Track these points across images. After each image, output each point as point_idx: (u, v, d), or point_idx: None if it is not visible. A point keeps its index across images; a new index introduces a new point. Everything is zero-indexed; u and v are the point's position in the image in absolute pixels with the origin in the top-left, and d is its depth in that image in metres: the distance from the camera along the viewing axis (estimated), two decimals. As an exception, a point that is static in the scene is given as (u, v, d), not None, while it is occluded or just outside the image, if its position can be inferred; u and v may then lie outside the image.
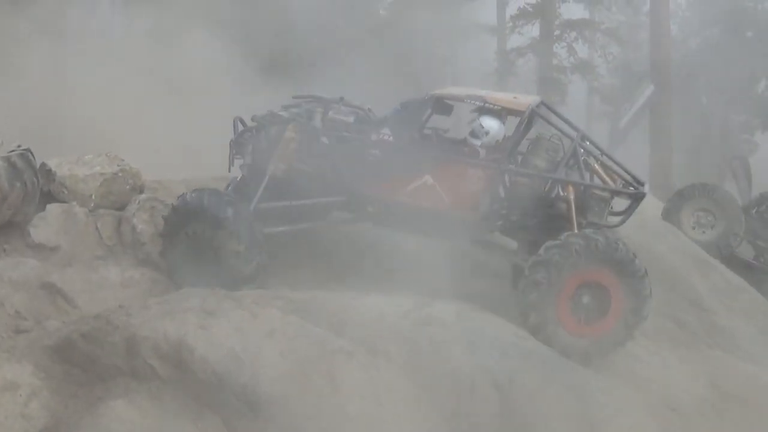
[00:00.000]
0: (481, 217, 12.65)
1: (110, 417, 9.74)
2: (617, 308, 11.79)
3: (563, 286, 11.69)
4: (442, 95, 13.21)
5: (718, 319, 14.53)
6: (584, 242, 11.69)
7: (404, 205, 12.61)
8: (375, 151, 12.78)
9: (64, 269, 12.97)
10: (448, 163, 12.69)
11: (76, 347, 10.55)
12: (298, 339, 10.45)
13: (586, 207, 12.49)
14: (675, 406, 11.43)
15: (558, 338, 11.64)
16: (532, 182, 12.68)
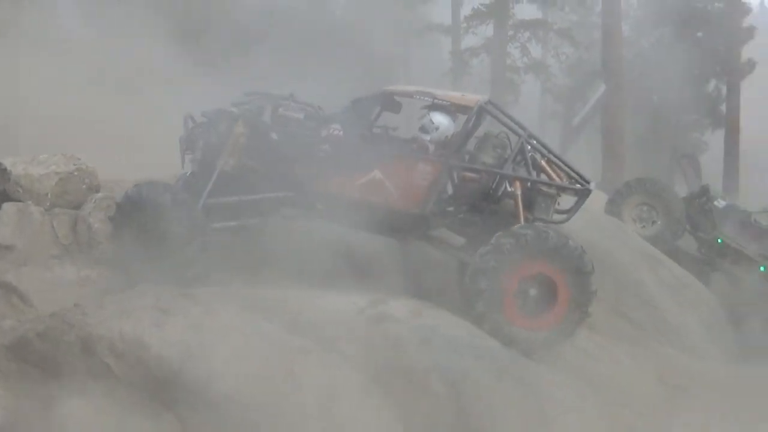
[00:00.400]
0: (429, 212, 12.63)
1: (66, 415, 9.74)
2: (563, 301, 11.87)
3: (510, 276, 11.74)
4: (391, 91, 13.26)
5: (666, 315, 14.67)
6: (534, 234, 11.79)
7: (353, 200, 12.58)
8: (325, 147, 12.75)
9: (19, 268, 12.95)
10: (396, 159, 12.72)
11: (31, 346, 10.54)
12: (254, 337, 10.48)
13: (532, 203, 12.54)
14: (625, 402, 11.55)
15: (503, 329, 11.71)
16: (480, 178, 12.74)
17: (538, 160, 12.88)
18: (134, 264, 12.63)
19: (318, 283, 12.40)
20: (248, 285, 11.93)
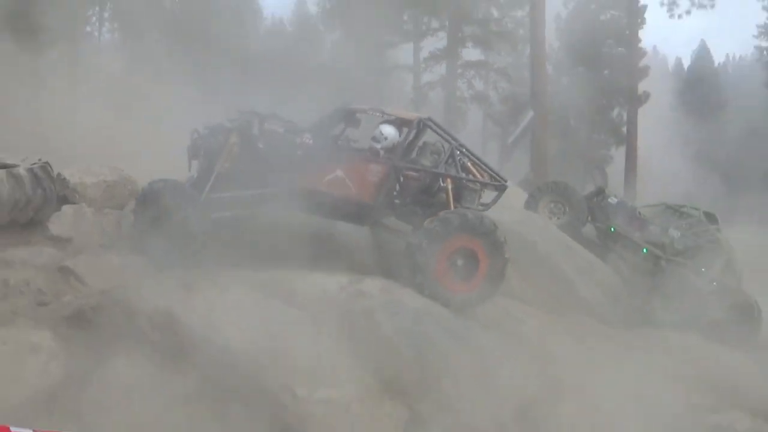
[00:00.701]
0: (379, 202, 12.82)
1: (113, 370, 9.75)
2: (483, 268, 12.09)
3: (441, 251, 11.94)
4: (351, 109, 13.42)
5: (577, 288, 14.75)
6: (456, 216, 12.06)
7: (321, 193, 12.74)
8: (299, 152, 12.92)
9: (76, 256, 12.92)
10: (353, 160, 12.91)
11: (85, 317, 10.55)
12: (259, 309, 10.52)
13: (461, 195, 12.75)
14: (549, 356, 11.61)
15: (439, 293, 11.86)
16: (420, 176, 12.93)
17: (466, 162, 13.08)
18: (149, 244, 12.68)
19: (307, 265, 12.41)
20: (253, 269, 11.91)
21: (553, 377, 11.14)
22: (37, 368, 9.83)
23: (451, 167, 12.89)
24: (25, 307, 11.21)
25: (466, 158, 13.15)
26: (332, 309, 10.89)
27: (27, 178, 13.42)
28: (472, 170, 13.09)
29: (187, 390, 9.76)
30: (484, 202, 13.24)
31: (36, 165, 13.76)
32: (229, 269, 11.75)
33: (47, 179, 13.76)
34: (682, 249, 16.50)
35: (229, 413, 9.66)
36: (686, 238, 16.61)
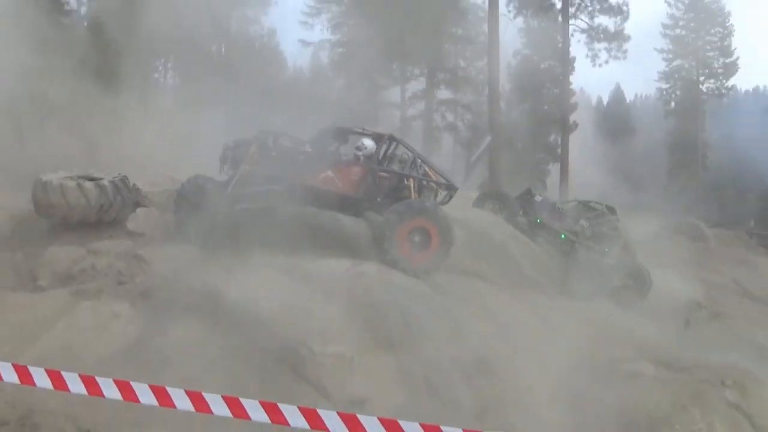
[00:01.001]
0: (360, 196, 13.05)
1: (175, 333, 9.75)
2: (435, 243, 12.25)
3: (403, 227, 12.15)
4: (341, 127, 13.85)
5: (524, 270, 14.74)
6: (419, 204, 12.49)
7: (316, 188, 12.92)
8: (301, 158, 13.18)
9: (146, 246, 12.89)
10: (340, 164, 13.17)
11: (154, 292, 10.57)
12: (284, 285, 10.52)
13: (420, 193, 13.04)
14: (504, 322, 11.61)
15: (403, 264, 12.00)
16: (390, 177, 13.22)
17: (425, 168, 13.43)
18: (187, 227, 12.83)
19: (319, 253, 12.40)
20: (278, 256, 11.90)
21: (507, 337, 11.15)
22: (118, 331, 9.87)
23: (413, 171, 13.20)
24: (109, 285, 11.23)
25: (425, 165, 13.47)
26: (339, 285, 10.87)
27: (110, 187, 13.43)
28: (430, 174, 13.41)
29: (229, 347, 9.75)
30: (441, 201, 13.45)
31: (116, 178, 13.77)
32: (260, 256, 11.73)
33: (125, 188, 13.77)
34: (591, 235, 16.72)
35: (260, 365, 9.65)
36: (593, 226, 16.92)
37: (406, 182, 13.07)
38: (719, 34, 45.33)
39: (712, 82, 45.49)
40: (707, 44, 45.43)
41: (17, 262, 12.86)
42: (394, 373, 9.98)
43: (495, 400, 9.88)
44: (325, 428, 4.84)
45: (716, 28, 45.30)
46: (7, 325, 9.86)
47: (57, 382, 5.06)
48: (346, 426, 4.82)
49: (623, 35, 35.96)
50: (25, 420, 7.50)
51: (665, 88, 46.70)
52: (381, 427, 4.77)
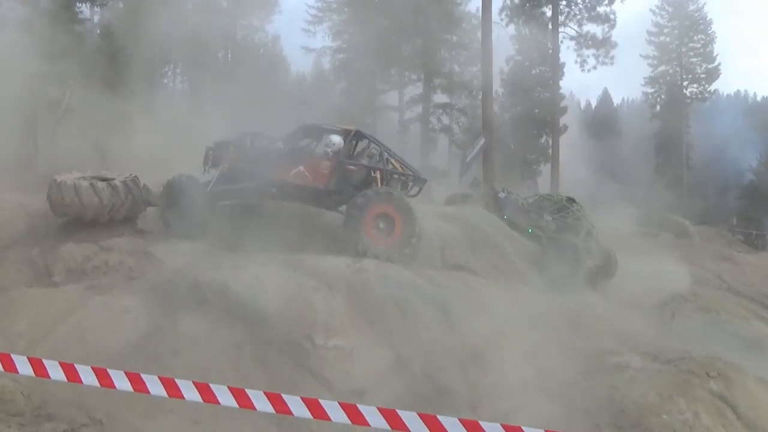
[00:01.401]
0: (330, 188, 13.06)
1: (183, 326, 9.74)
2: (399, 230, 12.34)
3: (367, 216, 12.23)
4: (310, 124, 13.90)
5: (516, 264, 14.70)
6: (381, 192, 12.49)
7: (289, 182, 13.04)
8: (274, 155, 13.19)
9: (156, 243, 12.87)
10: (310, 158, 13.21)
11: (163, 287, 10.55)
12: (288, 280, 10.50)
13: (388, 184, 13.04)
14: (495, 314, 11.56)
15: (370, 248, 12.06)
16: (358, 169, 13.17)
17: (393, 162, 13.49)
18: (171, 219, 13.05)
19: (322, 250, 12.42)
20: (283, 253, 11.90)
21: (499, 329, 11.12)
22: (129, 324, 9.85)
23: (380, 163, 13.25)
24: (120, 281, 11.22)
25: (393, 159, 13.54)
26: (341, 280, 10.85)
27: (121, 187, 13.41)
28: (397, 166, 13.44)
29: (236, 339, 9.75)
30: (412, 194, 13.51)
31: (128, 178, 13.74)
32: (266, 253, 11.72)
33: (136, 188, 13.75)
34: (555, 228, 16.74)
35: (266, 356, 9.65)
36: (557, 220, 16.91)
37: (373, 174, 13.08)
38: (702, 41, 45.44)
39: (695, 86, 45.56)
40: (690, 50, 45.55)
41: (33, 258, 12.84)
42: (392, 364, 9.97)
43: (488, 390, 9.86)
44: (327, 418, 4.82)
45: (699, 35, 45.43)
46: (24, 319, 9.85)
47: (70, 374, 5.05)
48: (347, 415, 4.81)
49: (610, 42, 35.88)
50: (39, 410, 7.49)
51: (651, 93, 46.75)
52: (380, 416, 4.76)
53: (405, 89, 35.82)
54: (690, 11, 45.39)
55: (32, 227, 13.84)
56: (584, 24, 35.96)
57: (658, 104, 46.47)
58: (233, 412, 8.31)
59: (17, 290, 10.82)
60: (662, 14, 45.93)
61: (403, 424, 4.71)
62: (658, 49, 45.88)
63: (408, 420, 4.71)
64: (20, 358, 5.15)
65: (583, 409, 9.97)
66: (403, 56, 32.49)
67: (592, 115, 55.15)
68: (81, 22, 23.66)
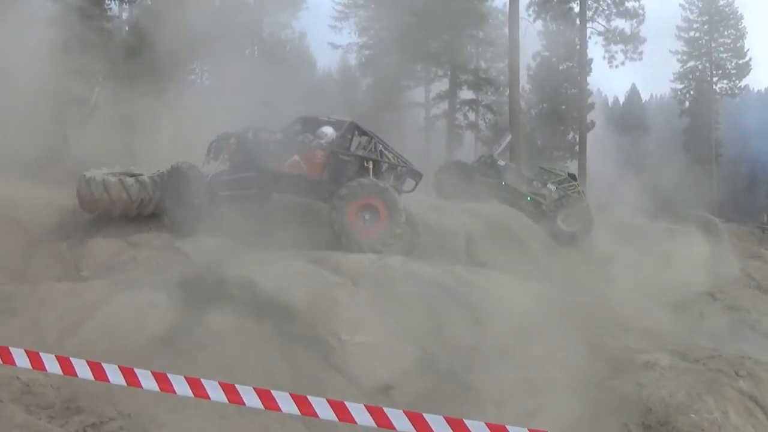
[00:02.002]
0: (324, 178, 13.20)
1: (209, 321, 9.78)
2: (384, 222, 12.45)
3: (352, 208, 12.38)
4: (306, 116, 14.06)
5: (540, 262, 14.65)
6: (365, 184, 12.58)
7: (284, 172, 13.23)
8: (272, 146, 13.44)
9: (183, 239, 12.99)
10: (305, 149, 13.34)
11: (190, 283, 10.58)
12: (314, 277, 10.51)
13: (380, 175, 13.15)
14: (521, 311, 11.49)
15: (354, 240, 12.28)
16: (351, 159, 13.32)
17: (386, 153, 13.56)
18: (169, 207, 13.29)
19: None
20: (309, 249, 11.93)
21: (524, 326, 11.05)
22: (156, 319, 9.89)
23: (372, 154, 13.33)
24: (148, 276, 11.28)
25: (389, 152, 13.60)
26: (366, 277, 10.83)
27: (149, 183, 13.55)
28: (389, 157, 13.49)
29: (262, 335, 9.77)
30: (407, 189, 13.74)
31: (155, 174, 13.84)
32: (293, 249, 11.75)
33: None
34: (558, 198, 17.95)
35: (291, 352, 9.66)
36: (560, 190, 17.81)
37: (365, 165, 13.11)
38: (732, 36, 44.95)
39: (725, 82, 45.09)
40: (720, 46, 45.08)
41: (62, 253, 13.02)
42: (418, 361, 9.94)
43: (514, 388, 9.80)
44: (352, 420, 4.82)
45: (729, 30, 44.89)
46: (53, 313, 9.95)
47: (97, 372, 5.09)
48: (372, 418, 4.80)
49: (639, 37, 35.60)
50: (69, 403, 7.55)
51: (680, 88, 46.28)
52: (406, 419, 4.74)
53: (431, 85, 35.75)
54: (720, 6, 44.90)
55: (61, 222, 14.01)
56: (612, 19, 35.68)
57: (687, 100, 46.01)
58: (259, 409, 8.37)
59: (46, 284, 10.93)
60: (692, 9, 45.48)
61: (429, 428, 4.68)
62: (687, 45, 45.46)
63: (434, 424, 4.69)
64: (48, 356, 5.20)
65: (610, 408, 9.88)
66: (430, 52, 32.34)
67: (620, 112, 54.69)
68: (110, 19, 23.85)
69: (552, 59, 38.87)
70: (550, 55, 38.97)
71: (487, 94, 36.58)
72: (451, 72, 33.83)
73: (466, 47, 34.50)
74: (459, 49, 32.78)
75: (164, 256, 12.51)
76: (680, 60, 45.65)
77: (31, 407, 7.10)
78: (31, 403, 7.21)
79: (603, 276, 17.97)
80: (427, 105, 35.69)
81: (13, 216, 13.99)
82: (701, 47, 45.01)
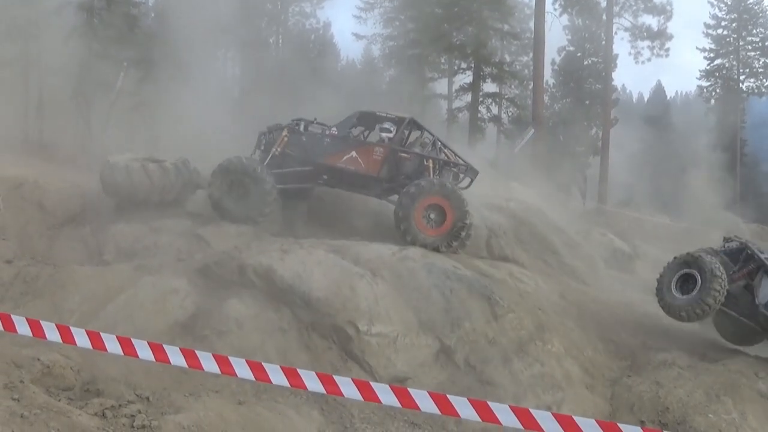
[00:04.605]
0: (383, 177, 13.11)
1: (229, 308, 9.83)
2: (449, 222, 12.21)
3: (419, 206, 12.21)
4: (365, 112, 13.80)
5: (564, 259, 14.57)
6: (429, 182, 12.39)
7: (340, 168, 13.16)
8: (327, 140, 13.33)
9: (205, 226, 13.04)
10: (363, 145, 13.35)
11: (210, 269, 10.64)
12: (334, 266, 10.51)
13: (441, 174, 12.99)
14: (541, 307, 11.48)
15: (419, 238, 12.09)
16: (410, 157, 13.19)
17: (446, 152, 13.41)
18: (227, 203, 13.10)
19: (368, 237, 12.47)
20: (330, 239, 11.96)
21: (543, 321, 11.03)
22: (176, 304, 9.97)
23: (432, 153, 13.18)
24: (169, 262, 11.36)
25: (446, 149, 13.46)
26: (385, 268, 10.83)
27: (172, 170, 13.64)
28: (450, 157, 13.36)
29: (281, 323, 9.82)
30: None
31: (178, 160, 13.92)
32: (314, 239, 11.77)
33: (186, 171, 13.95)
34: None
35: (310, 341, 9.70)
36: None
37: (425, 163, 12.99)
38: (761, 34, 44.34)
39: (753, 80, 44.52)
40: (749, 44, 44.48)
41: (85, 237, 13.15)
42: (436, 353, 9.95)
43: (532, 383, 9.78)
44: (377, 400, 4.83)
45: (758, 28, 44.32)
46: (76, 295, 10.06)
47: (127, 347, 5.15)
48: (397, 398, 4.80)
49: (666, 34, 35.15)
50: (89, 386, 7.64)
51: (706, 86, 45.81)
52: (431, 400, 4.75)
53: (454, 78, 35.56)
54: (749, 4, 44.33)
55: (85, 207, 14.15)
56: (639, 15, 35.28)
57: (713, 98, 45.53)
58: (276, 394, 8.42)
59: (69, 267, 11.04)
60: (720, 6, 44.92)
61: (454, 409, 4.69)
62: (715, 42, 44.92)
63: (458, 405, 4.69)
64: (78, 330, 5.26)
65: (627, 405, 9.85)
66: (454, 44, 32.16)
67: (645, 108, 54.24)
68: (136, 5, 23.91)
69: (577, 54, 38.57)
70: (575, 50, 38.67)
71: (510, 88, 36.31)
72: (475, 64, 33.60)
73: (491, 40, 34.26)
74: (484, 42, 32.56)
75: (185, 242, 12.58)
76: (707, 57, 45.20)
77: (51, 389, 7.18)
78: (51, 385, 7.30)
79: (625, 274, 17.91)
80: (450, 97, 35.47)
81: (37, 200, 14.14)
82: (729, 45, 44.51)
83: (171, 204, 13.74)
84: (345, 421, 8.48)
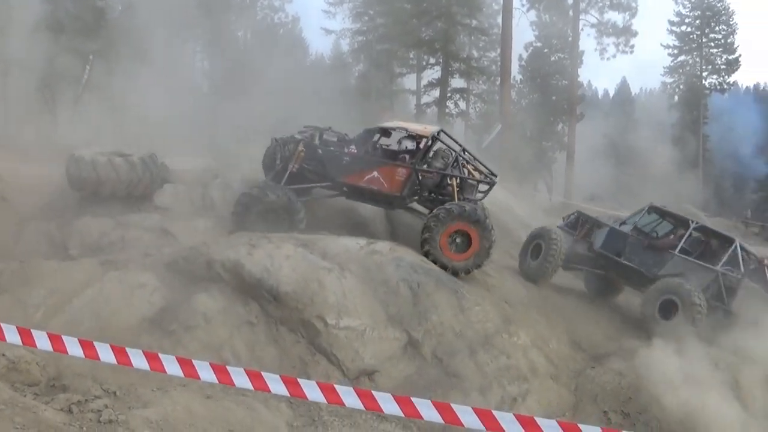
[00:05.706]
0: (404, 194, 12.81)
1: (197, 302, 9.78)
2: (475, 247, 11.91)
3: (444, 230, 11.87)
4: (385, 126, 13.32)
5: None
6: (459, 208, 11.95)
7: (363, 188, 12.81)
8: (347, 158, 12.90)
9: (173, 221, 12.97)
10: (385, 164, 12.90)
11: (179, 264, 10.57)
12: (302, 261, 10.49)
13: (463, 189, 12.69)
14: (507, 300, 11.58)
15: (441, 259, 11.76)
16: (433, 175, 12.88)
17: (466, 164, 13.06)
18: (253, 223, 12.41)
19: (336, 232, 12.44)
20: (298, 233, 11.93)
21: (510, 314, 11.13)
22: (144, 299, 9.90)
23: (456, 169, 12.86)
24: (136, 256, 11.25)
25: (468, 163, 13.12)
26: (354, 262, 10.84)
27: (139, 164, 13.50)
28: (470, 170, 13.07)
29: (249, 317, 9.80)
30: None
31: (145, 155, 13.80)
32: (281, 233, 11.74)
33: (153, 165, 13.82)
34: None
35: (278, 335, 9.69)
36: None
37: (449, 181, 12.79)
38: (723, 31, 45.02)
39: (715, 77, 45.22)
40: (711, 41, 45.15)
41: (51, 231, 12.97)
42: (403, 346, 9.99)
43: (497, 375, 9.88)
44: (341, 402, 4.83)
45: (721, 26, 45.00)
46: (40, 290, 9.93)
47: (88, 350, 5.07)
48: (361, 401, 4.81)
49: (631, 30, 35.58)
50: (54, 381, 7.55)
51: (669, 82, 46.43)
52: (394, 402, 4.76)
53: (423, 73, 35.64)
54: (712, 2, 44.97)
55: (51, 201, 13.95)
56: (605, 12, 35.65)
57: (677, 94, 46.14)
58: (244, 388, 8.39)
59: (35, 262, 10.88)
60: (684, 4, 45.52)
61: (417, 411, 4.70)
62: (678, 39, 45.52)
63: (421, 407, 4.71)
64: (39, 333, 5.18)
65: (591, 396, 10.00)
66: (423, 40, 32.25)
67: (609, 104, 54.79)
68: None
69: (544, 50, 38.82)
70: (542, 46, 38.93)
71: (478, 84, 36.53)
72: (443, 60, 33.73)
73: (459, 35, 34.41)
74: (452, 37, 32.69)
75: (153, 236, 12.49)
76: (671, 54, 45.82)
77: (16, 384, 7.08)
78: (16, 380, 7.19)
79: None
80: (419, 92, 35.61)
81: (1, 194, 13.92)
82: (692, 42, 45.14)
83: (138, 199, 13.61)
84: (313, 414, 8.49)
